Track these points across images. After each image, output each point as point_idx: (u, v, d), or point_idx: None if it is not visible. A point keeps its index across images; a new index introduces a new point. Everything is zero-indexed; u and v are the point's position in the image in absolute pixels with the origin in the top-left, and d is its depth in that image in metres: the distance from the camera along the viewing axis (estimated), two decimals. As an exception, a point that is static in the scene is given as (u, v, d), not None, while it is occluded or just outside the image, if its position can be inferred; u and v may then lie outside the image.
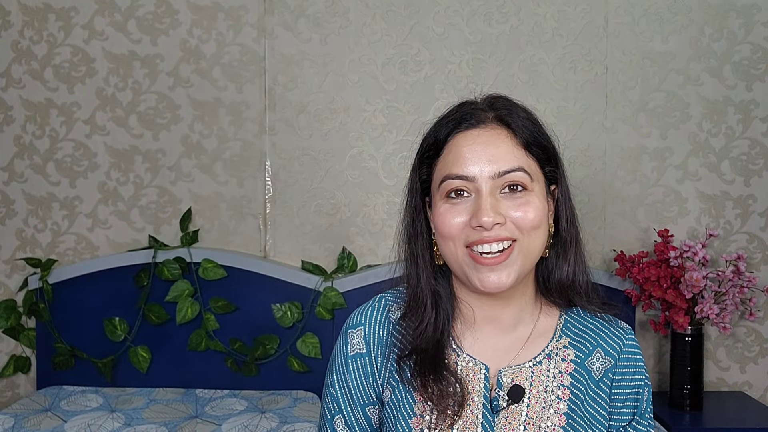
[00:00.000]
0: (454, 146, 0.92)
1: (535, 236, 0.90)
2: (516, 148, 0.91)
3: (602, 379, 0.95)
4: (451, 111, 0.96)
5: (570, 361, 0.95)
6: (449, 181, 0.90)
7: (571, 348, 0.96)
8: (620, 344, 0.97)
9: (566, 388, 0.94)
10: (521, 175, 0.89)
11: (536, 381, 0.94)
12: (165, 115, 2.19)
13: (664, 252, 2.05)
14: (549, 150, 0.95)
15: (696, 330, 2.03)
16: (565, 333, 0.97)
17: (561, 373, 0.94)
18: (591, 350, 0.96)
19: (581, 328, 0.98)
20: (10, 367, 2.15)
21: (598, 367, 0.95)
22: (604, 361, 0.95)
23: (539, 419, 0.92)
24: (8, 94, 2.18)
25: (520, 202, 0.89)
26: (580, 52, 2.19)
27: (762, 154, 2.21)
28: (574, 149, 2.18)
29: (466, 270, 0.90)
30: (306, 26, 2.18)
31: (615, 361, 0.96)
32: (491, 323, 0.97)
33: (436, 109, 2.16)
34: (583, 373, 0.95)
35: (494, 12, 2.18)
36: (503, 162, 0.89)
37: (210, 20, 2.18)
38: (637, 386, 0.97)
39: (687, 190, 2.21)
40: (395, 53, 2.18)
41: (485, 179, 0.89)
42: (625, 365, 0.97)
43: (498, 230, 0.88)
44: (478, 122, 0.92)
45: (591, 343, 0.97)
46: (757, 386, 2.23)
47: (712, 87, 2.19)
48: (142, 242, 2.20)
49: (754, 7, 2.18)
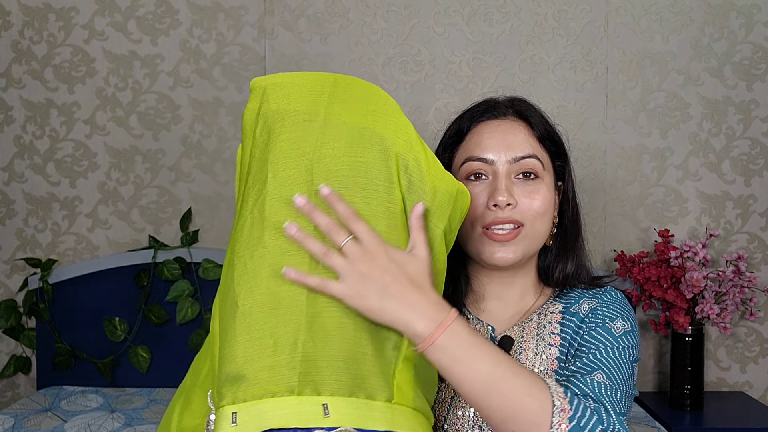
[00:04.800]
0: (477, 133, 1.02)
1: (540, 223, 0.99)
2: (532, 138, 1.01)
3: (587, 315, 1.00)
4: (476, 105, 1.06)
5: (558, 312, 1.03)
6: (470, 163, 1.00)
7: (559, 303, 1.04)
8: (604, 292, 1.03)
9: (556, 335, 1.01)
10: (535, 162, 0.99)
11: (527, 333, 1.02)
12: (165, 115, 2.19)
13: (664, 252, 2.05)
14: (560, 146, 1.05)
15: (696, 330, 2.02)
16: (556, 300, 1.06)
17: (550, 323, 1.02)
18: (578, 299, 1.03)
19: (570, 292, 1.06)
20: (10, 368, 2.15)
21: (585, 307, 1.01)
22: (590, 302, 1.01)
23: (532, 364, 0.99)
24: (8, 94, 2.18)
25: (531, 189, 0.98)
26: (580, 52, 2.18)
27: (762, 154, 2.21)
28: (575, 149, 2.18)
29: (478, 246, 0.99)
30: (306, 26, 2.18)
31: (599, 300, 1.02)
32: (497, 300, 1.06)
33: (436, 109, 2.16)
34: (570, 318, 1.01)
35: (494, 12, 2.18)
36: (520, 149, 0.99)
37: (210, 20, 2.18)
38: (610, 318, 0.99)
39: (687, 190, 2.21)
40: (395, 53, 2.18)
41: (503, 163, 0.99)
42: (607, 301, 1.02)
43: (510, 212, 0.97)
44: (499, 114, 1.03)
45: (578, 297, 1.04)
46: (757, 386, 2.23)
47: (712, 87, 2.19)
48: (143, 242, 2.20)
49: (754, 7, 2.18)
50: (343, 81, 0.88)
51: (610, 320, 0.98)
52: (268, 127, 0.84)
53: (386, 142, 0.83)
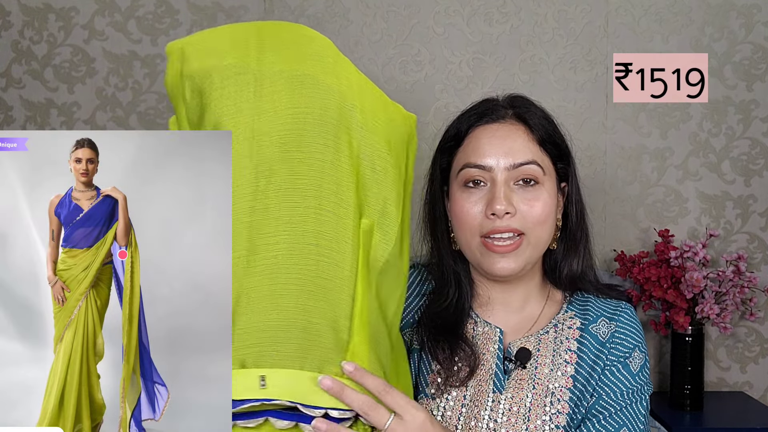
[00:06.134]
0: (474, 138, 1.00)
1: (541, 230, 0.97)
2: (531, 143, 0.99)
3: (607, 342, 1.00)
4: (474, 106, 1.04)
5: (576, 328, 1.01)
6: (468, 170, 0.98)
7: (576, 318, 1.02)
8: (621, 311, 1.04)
9: (573, 352, 0.99)
10: (534, 169, 0.97)
11: (543, 347, 1.00)
12: (165, 115, 2.19)
13: (664, 252, 2.05)
14: (562, 148, 1.04)
15: (696, 330, 2.02)
16: (570, 308, 1.04)
17: (567, 339, 1.01)
18: (595, 318, 1.02)
19: (584, 302, 1.05)
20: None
21: (604, 332, 1.00)
22: (609, 325, 1.01)
23: (547, 380, 0.98)
24: (8, 94, 2.19)
25: (531, 196, 0.96)
26: (580, 52, 2.18)
27: (762, 154, 2.21)
28: (575, 149, 2.17)
29: (479, 256, 0.98)
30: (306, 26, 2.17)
31: (617, 324, 1.02)
32: (501, 305, 1.05)
33: (436, 109, 2.16)
34: (588, 338, 1.00)
35: (494, 12, 2.18)
36: (519, 155, 0.97)
37: (210, 20, 2.18)
38: (629, 350, 1.01)
39: (687, 190, 2.21)
40: (395, 53, 2.18)
41: (501, 170, 0.96)
42: (624, 325, 1.02)
43: (508, 220, 0.95)
44: (497, 117, 1.00)
45: (595, 313, 1.03)
46: (757, 386, 2.23)
47: (712, 86, 2.19)
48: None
49: (754, 7, 2.18)
50: (267, 27, 0.82)
51: (628, 356, 0.99)
52: (197, 87, 0.79)
53: (330, 88, 0.77)
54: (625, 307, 1.04)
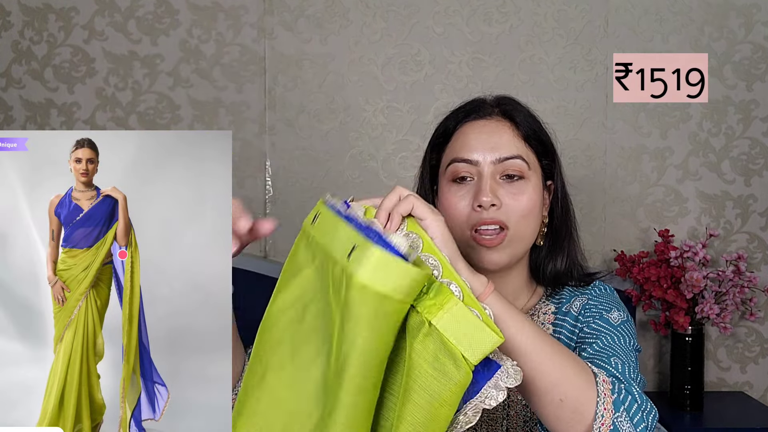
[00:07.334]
0: (462, 134, 1.03)
1: (525, 224, 0.99)
2: (517, 138, 1.01)
3: (580, 313, 1.02)
4: (463, 105, 1.07)
5: (551, 313, 1.05)
6: (455, 164, 1.00)
7: (551, 304, 1.06)
8: (593, 287, 1.08)
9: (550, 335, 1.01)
10: (519, 163, 0.99)
11: None
12: (165, 115, 2.19)
13: (664, 252, 2.05)
14: (547, 145, 1.05)
15: (696, 330, 2.02)
16: (548, 300, 1.08)
17: (543, 324, 1.04)
18: (568, 298, 1.05)
19: (561, 292, 1.08)
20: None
21: (576, 305, 1.03)
22: (581, 299, 1.04)
23: None
24: (8, 94, 2.18)
25: (516, 190, 0.99)
26: (580, 52, 2.18)
27: (762, 154, 2.21)
28: (574, 149, 2.18)
29: (468, 249, 0.99)
30: (306, 26, 2.18)
31: (589, 296, 1.04)
32: None
33: (436, 109, 2.16)
34: (563, 318, 1.03)
35: (494, 12, 2.18)
36: (504, 150, 0.99)
37: (210, 20, 2.18)
38: (605, 310, 1.02)
39: (687, 190, 2.21)
40: (395, 53, 2.18)
41: (487, 164, 0.99)
42: (597, 295, 1.04)
43: (494, 212, 0.97)
44: (484, 114, 1.03)
45: (568, 296, 1.06)
46: (757, 386, 2.23)
47: (712, 86, 2.19)
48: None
49: (754, 6, 2.18)
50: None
51: (606, 311, 1.00)
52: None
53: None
54: (597, 283, 1.07)
